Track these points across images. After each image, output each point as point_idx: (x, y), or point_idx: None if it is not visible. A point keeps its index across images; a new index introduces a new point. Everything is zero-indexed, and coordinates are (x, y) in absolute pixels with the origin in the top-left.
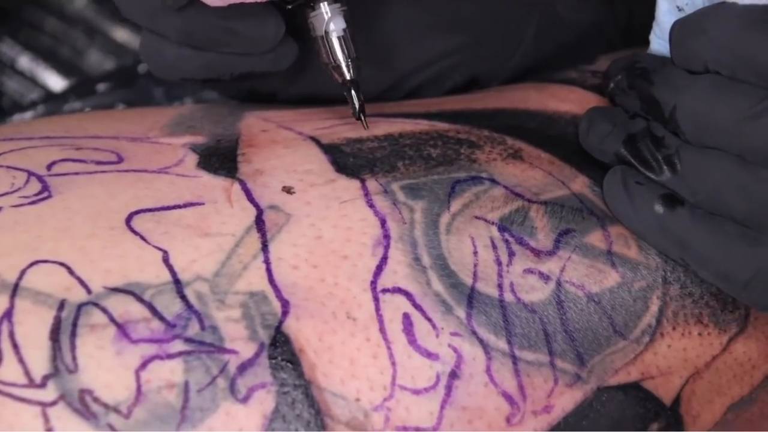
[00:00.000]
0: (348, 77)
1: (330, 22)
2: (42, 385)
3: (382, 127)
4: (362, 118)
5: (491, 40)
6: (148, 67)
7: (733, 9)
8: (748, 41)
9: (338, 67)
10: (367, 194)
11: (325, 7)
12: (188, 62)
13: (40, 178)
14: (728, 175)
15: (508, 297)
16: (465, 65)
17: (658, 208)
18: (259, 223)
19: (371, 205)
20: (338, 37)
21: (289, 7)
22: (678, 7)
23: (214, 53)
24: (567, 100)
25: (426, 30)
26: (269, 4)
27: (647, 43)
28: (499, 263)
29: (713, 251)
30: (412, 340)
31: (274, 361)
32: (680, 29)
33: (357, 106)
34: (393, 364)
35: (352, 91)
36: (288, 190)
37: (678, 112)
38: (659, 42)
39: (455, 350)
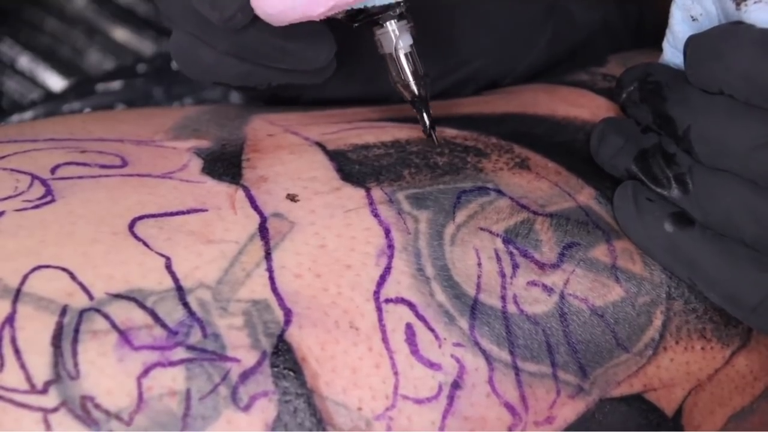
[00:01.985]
0: (417, 94)
1: (399, 40)
2: (43, 391)
3: (390, 133)
4: (433, 135)
5: (512, 42)
6: (178, 66)
7: (749, 33)
8: (763, 69)
9: (407, 85)
10: (372, 203)
11: (392, 25)
12: (227, 69)
13: (43, 182)
14: (740, 199)
15: (511, 308)
16: (486, 68)
17: (668, 227)
18: (263, 230)
19: (376, 215)
20: (406, 54)
21: (355, 25)
22: (692, 17)
23: (257, 65)
24: (577, 105)
25: (449, 35)
26: (323, 22)
27: (658, 42)
28: (502, 275)
29: (722, 274)
30: (414, 350)
31: (276, 369)
32: (695, 50)
33: (427, 122)
34: (395, 373)
35: (422, 108)
36: (292, 197)
37: (692, 133)
38: (672, 51)
39: (458, 361)
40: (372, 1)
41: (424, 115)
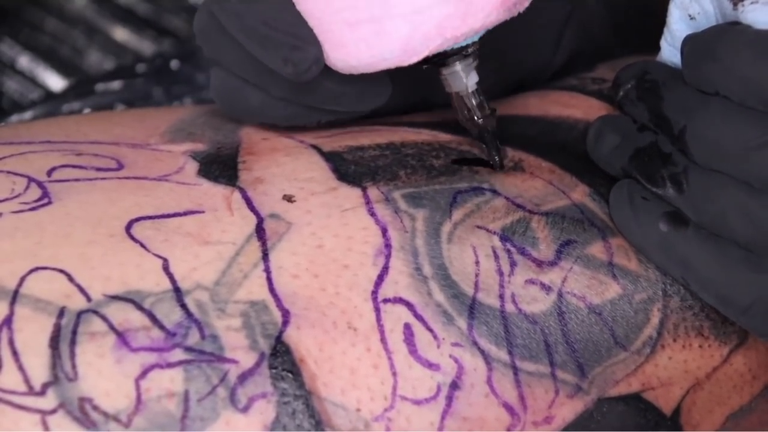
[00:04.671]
0: (486, 130)
1: (467, 80)
2: (41, 392)
3: (385, 136)
4: (502, 168)
5: (538, 38)
6: (219, 105)
7: (745, 35)
8: (759, 71)
9: (475, 122)
10: (368, 202)
11: (460, 65)
12: (275, 111)
13: (40, 184)
14: (735, 200)
15: (510, 308)
16: (515, 66)
17: (663, 226)
18: (260, 231)
19: (372, 214)
20: (473, 92)
21: (425, 66)
22: (690, 16)
23: (310, 108)
24: (569, 105)
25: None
26: None
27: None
28: (500, 273)
29: (715, 274)
30: (413, 351)
31: (274, 370)
32: (692, 50)
33: (497, 158)
34: (394, 374)
35: (491, 143)
36: (289, 198)
37: (687, 133)
38: (670, 49)
39: (456, 361)
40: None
41: (494, 150)
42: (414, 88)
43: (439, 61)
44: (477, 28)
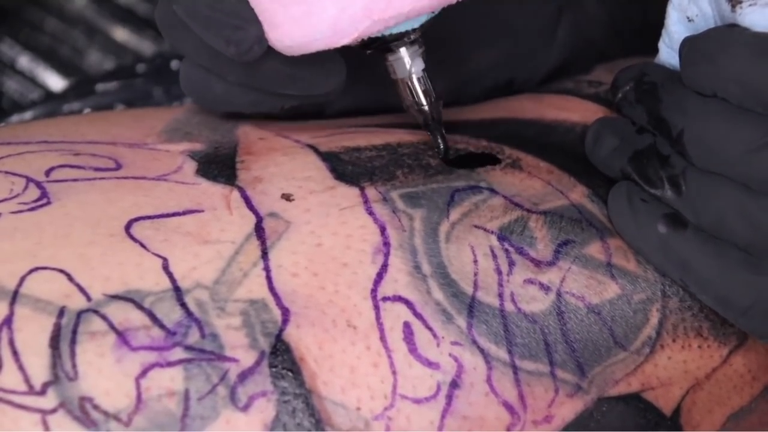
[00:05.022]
0: (431, 117)
1: (412, 66)
2: (42, 392)
3: (381, 137)
4: (447, 157)
5: (524, 40)
6: (189, 96)
7: (742, 37)
8: (756, 73)
9: (421, 109)
10: (366, 201)
11: (405, 51)
12: (237, 98)
13: (38, 185)
14: (733, 202)
15: (509, 307)
16: (502, 65)
17: (661, 228)
18: (259, 230)
19: (371, 213)
20: (419, 79)
21: (369, 52)
22: (688, 18)
23: (267, 93)
24: (565, 109)
25: (465, 31)
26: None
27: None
28: (499, 272)
29: (714, 275)
30: (412, 349)
31: (274, 369)
32: (690, 52)
33: (442, 145)
34: (394, 373)
35: (436, 131)
36: (287, 197)
37: (686, 135)
38: (668, 51)
39: (456, 359)
40: (388, 29)
41: (438, 137)
42: (376, 88)
43: (382, 46)
44: (406, 12)
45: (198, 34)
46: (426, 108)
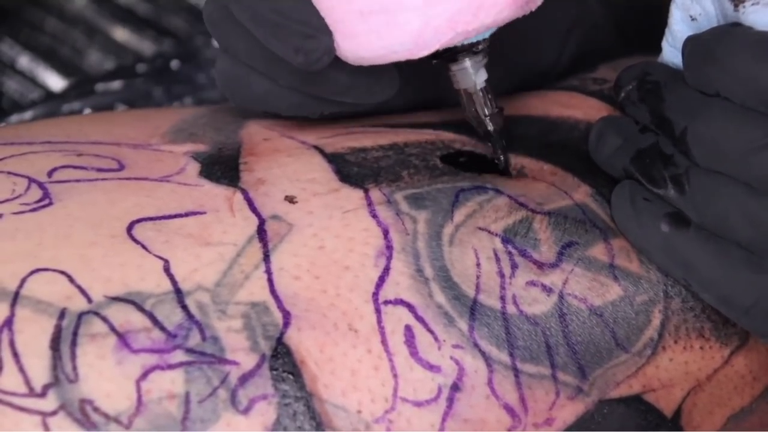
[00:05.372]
0: (491, 128)
1: (476, 77)
2: (42, 394)
3: (387, 137)
4: (508, 168)
5: (542, 49)
6: (224, 92)
7: (746, 36)
8: (760, 72)
9: (481, 120)
10: (370, 204)
11: (469, 62)
12: (278, 99)
13: (41, 185)
14: (736, 201)
15: (511, 309)
16: (516, 76)
17: (664, 227)
18: (261, 232)
19: (374, 216)
20: (481, 89)
21: (435, 62)
22: (691, 17)
23: (316, 98)
24: (569, 106)
25: None
26: None
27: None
28: (501, 275)
29: (716, 274)
30: (413, 352)
31: (275, 372)
32: (693, 51)
33: (501, 156)
34: (395, 376)
35: (496, 142)
36: (290, 199)
37: (689, 134)
38: (671, 50)
39: (457, 362)
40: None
41: (499, 149)
42: (423, 85)
43: (448, 56)
44: (488, 24)
45: (259, 38)
46: (488, 119)
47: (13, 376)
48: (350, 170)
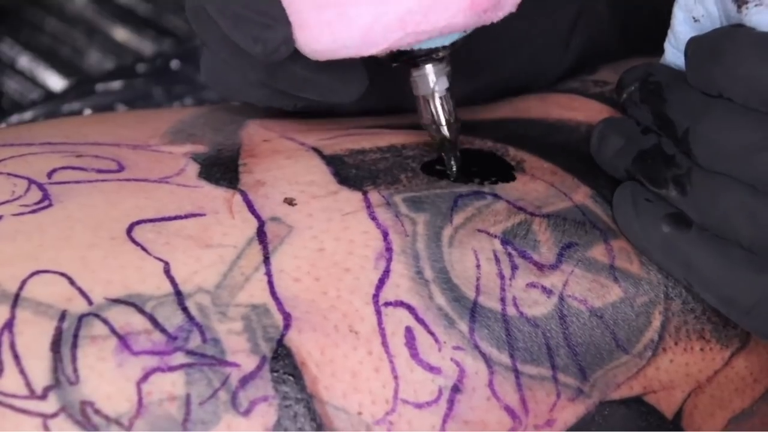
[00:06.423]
0: (447, 137)
1: (436, 84)
2: (43, 396)
3: (386, 139)
4: (459, 179)
5: (545, 46)
6: (208, 84)
7: (749, 37)
8: (762, 73)
9: (438, 128)
10: (369, 206)
11: (431, 68)
12: (254, 91)
13: (40, 186)
14: (738, 202)
15: (511, 311)
16: (520, 74)
17: (665, 228)
18: (261, 234)
19: (373, 218)
20: (441, 98)
21: (394, 65)
22: (694, 18)
23: (284, 93)
24: (570, 108)
25: (485, 40)
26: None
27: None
28: (501, 277)
29: (718, 275)
30: (414, 354)
31: (276, 374)
32: (695, 51)
33: (454, 167)
34: (395, 377)
35: (450, 152)
36: (290, 201)
37: (691, 135)
38: (673, 52)
39: (457, 364)
40: (419, 44)
41: (452, 159)
42: (393, 91)
43: (409, 61)
44: (440, 28)
45: (224, 30)
46: (444, 129)
47: (13, 378)
48: (348, 172)
